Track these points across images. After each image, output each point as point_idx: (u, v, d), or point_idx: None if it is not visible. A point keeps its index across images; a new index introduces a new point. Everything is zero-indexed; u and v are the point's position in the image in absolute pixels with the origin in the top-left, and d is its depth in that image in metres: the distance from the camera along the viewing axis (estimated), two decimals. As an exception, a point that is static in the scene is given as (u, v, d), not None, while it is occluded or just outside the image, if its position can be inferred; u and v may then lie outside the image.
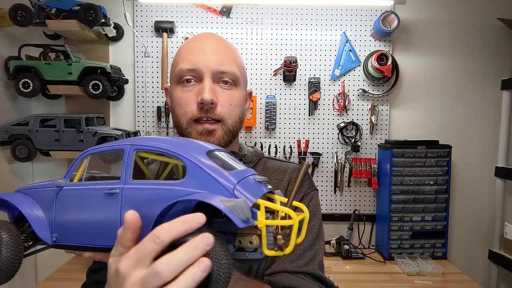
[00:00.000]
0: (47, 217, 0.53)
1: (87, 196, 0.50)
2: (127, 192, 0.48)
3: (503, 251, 1.97)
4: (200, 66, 0.76)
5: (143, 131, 2.09)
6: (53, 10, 1.78)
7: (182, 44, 0.84)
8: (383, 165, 2.02)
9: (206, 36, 0.83)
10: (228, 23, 2.06)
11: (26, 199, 0.54)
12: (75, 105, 2.09)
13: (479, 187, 2.17)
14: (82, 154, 0.54)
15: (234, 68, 0.79)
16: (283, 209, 0.44)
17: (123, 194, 0.48)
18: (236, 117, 0.81)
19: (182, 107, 0.78)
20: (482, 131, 2.16)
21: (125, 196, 0.48)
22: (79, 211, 0.50)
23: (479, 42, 2.13)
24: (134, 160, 0.50)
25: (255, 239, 0.44)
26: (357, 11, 2.07)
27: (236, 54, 0.84)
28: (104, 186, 0.49)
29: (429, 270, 1.78)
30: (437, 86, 2.14)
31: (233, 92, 0.80)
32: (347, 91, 2.10)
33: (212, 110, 0.76)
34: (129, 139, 0.54)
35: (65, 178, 0.53)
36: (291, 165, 0.92)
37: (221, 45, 0.81)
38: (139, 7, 2.04)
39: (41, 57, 1.88)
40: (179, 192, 0.45)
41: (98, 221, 0.49)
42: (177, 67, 0.79)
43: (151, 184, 0.47)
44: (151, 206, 0.46)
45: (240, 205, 0.41)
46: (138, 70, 2.07)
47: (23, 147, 1.84)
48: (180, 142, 0.51)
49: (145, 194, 0.47)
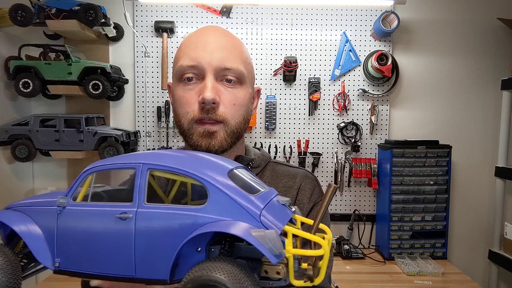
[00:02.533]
0: (47, 239, 0.47)
1: (95, 218, 0.46)
2: (141, 217, 0.44)
3: (503, 251, 1.97)
4: (202, 63, 0.71)
5: (143, 131, 2.09)
6: (53, 10, 1.78)
7: (184, 39, 0.78)
8: (383, 165, 2.02)
9: (209, 30, 0.76)
10: (228, 23, 2.06)
11: (21, 217, 0.49)
12: (75, 105, 2.09)
13: (479, 187, 2.17)
14: (86, 170, 0.49)
15: (239, 65, 0.74)
16: (315, 238, 0.41)
17: (137, 219, 0.44)
18: (240, 117, 0.75)
19: (183, 106, 0.73)
20: (482, 131, 2.16)
21: (139, 221, 0.44)
22: (85, 235, 0.46)
23: (479, 42, 2.13)
24: (147, 181, 0.45)
25: (283, 269, 0.41)
26: (357, 11, 2.07)
27: (242, 49, 0.77)
28: (115, 208, 0.45)
29: (429, 270, 1.78)
30: (437, 86, 2.14)
31: (238, 91, 0.74)
32: (347, 91, 2.10)
33: (213, 110, 0.71)
34: (139, 155, 0.49)
35: (67, 196, 0.48)
36: (300, 171, 0.89)
37: (225, 40, 0.75)
38: (139, 7, 2.04)
39: (41, 57, 1.88)
40: (201, 219, 0.42)
41: (107, 248, 0.45)
42: (178, 63, 0.74)
43: (169, 209, 0.44)
44: (170, 234, 0.42)
45: (272, 237, 0.38)
46: (138, 70, 2.07)
47: (23, 147, 1.84)
48: (196, 159, 0.48)
49: (162, 220, 0.43)
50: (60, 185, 2.09)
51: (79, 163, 2.02)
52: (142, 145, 2.09)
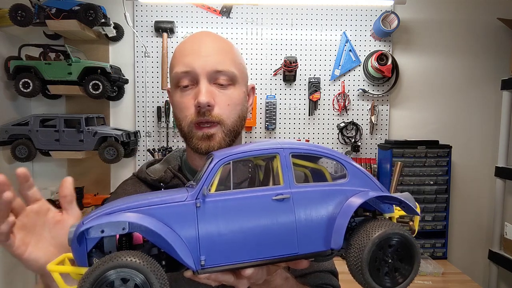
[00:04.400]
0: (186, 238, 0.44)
1: (248, 205, 0.46)
2: (298, 196, 0.48)
3: (503, 251, 1.96)
4: (195, 68, 0.75)
5: (143, 131, 2.09)
6: (53, 10, 1.78)
7: (177, 46, 0.83)
8: (383, 165, 2.02)
9: (200, 36, 0.81)
10: (228, 23, 2.06)
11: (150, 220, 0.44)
12: (75, 105, 2.09)
13: (479, 187, 2.17)
14: (219, 161, 0.48)
15: (230, 66, 0.78)
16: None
17: (294, 199, 0.48)
18: (235, 116, 0.79)
19: (182, 111, 0.78)
20: (482, 131, 2.16)
21: (297, 201, 0.48)
22: (238, 223, 0.45)
23: (479, 42, 2.13)
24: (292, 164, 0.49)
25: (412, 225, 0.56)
26: (357, 11, 2.07)
27: (232, 51, 0.82)
28: (267, 192, 0.47)
29: (429, 270, 1.78)
30: (437, 86, 2.14)
31: (231, 92, 0.79)
32: (347, 91, 2.10)
33: (209, 113, 0.75)
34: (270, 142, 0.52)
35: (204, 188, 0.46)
36: None
37: (217, 45, 0.80)
38: (139, 7, 2.04)
39: (41, 57, 1.88)
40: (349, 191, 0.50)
41: (267, 231, 0.46)
42: (174, 70, 0.79)
43: (319, 186, 0.50)
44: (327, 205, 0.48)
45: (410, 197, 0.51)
46: (138, 70, 2.07)
47: (23, 147, 1.84)
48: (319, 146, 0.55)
49: (316, 195, 0.49)
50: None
51: (79, 163, 2.02)
52: (142, 145, 2.09)
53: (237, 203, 0.46)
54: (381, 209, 0.53)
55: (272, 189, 0.48)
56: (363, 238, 0.46)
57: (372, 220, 0.49)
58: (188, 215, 0.45)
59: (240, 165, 0.52)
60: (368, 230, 0.46)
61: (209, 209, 0.46)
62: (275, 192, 0.47)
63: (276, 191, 0.47)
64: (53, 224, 0.64)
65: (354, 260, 0.46)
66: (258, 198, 0.47)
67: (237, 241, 0.45)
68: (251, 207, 0.46)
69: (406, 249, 0.48)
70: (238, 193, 0.47)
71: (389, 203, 0.53)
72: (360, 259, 0.45)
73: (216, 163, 0.48)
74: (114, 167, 2.09)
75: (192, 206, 0.45)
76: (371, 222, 0.48)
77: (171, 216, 0.45)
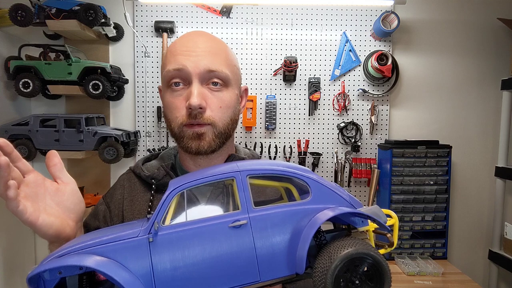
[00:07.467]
0: (141, 276, 0.43)
1: (203, 235, 0.44)
2: (255, 221, 0.45)
3: (503, 251, 1.96)
4: (187, 67, 0.73)
5: (143, 131, 2.09)
6: (53, 10, 1.78)
7: (170, 45, 0.80)
8: (383, 165, 2.02)
9: (194, 35, 0.79)
10: (228, 23, 2.06)
11: (98, 260, 0.43)
12: (75, 105, 2.09)
13: (479, 187, 2.17)
14: (172, 191, 0.46)
15: (223, 68, 0.76)
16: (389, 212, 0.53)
17: (252, 224, 0.45)
18: (227, 119, 0.78)
19: (172, 112, 0.76)
20: (482, 131, 2.16)
21: (255, 225, 0.45)
22: (193, 255, 0.43)
23: (479, 42, 2.13)
24: (249, 187, 0.47)
25: (390, 237, 0.52)
26: (357, 11, 2.07)
27: (226, 52, 0.79)
28: (223, 220, 0.45)
29: (429, 270, 1.78)
30: (437, 86, 2.14)
31: (223, 94, 0.77)
32: (347, 91, 2.10)
33: (201, 115, 0.73)
34: (227, 165, 0.49)
35: (155, 222, 0.44)
36: None
37: (210, 44, 0.77)
38: (139, 7, 2.04)
39: (41, 57, 1.88)
40: (312, 210, 0.47)
41: (225, 260, 0.44)
42: (165, 68, 0.76)
43: (279, 208, 0.47)
44: (287, 227, 0.46)
45: (378, 210, 0.49)
46: (138, 70, 2.07)
47: (23, 147, 1.84)
48: (274, 163, 0.51)
49: (276, 218, 0.46)
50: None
51: (79, 163, 2.02)
52: (142, 145, 2.09)
53: (192, 233, 0.44)
54: (354, 223, 0.49)
55: (229, 216, 0.45)
56: (325, 261, 0.43)
57: (339, 239, 0.45)
58: (141, 251, 0.43)
59: (203, 189, 0.51)
60: (331, 252, 0.43)
61: (163, 243, 0.44)
62: (232, 218, 0.45)
63: (233, 218, 0.45)
64: (54, 192, 0.65)
65: (318, 283, 0.44)
66: (213, 226, 0.45)
67: (194, 275, 0.43)
68: (206, 237, 0.44)
69: (374, 269, 0.44)
70: (193, 223, 0.45)
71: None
72: (323, 283, 0.43)
73: (169, 194, 0.46)
74: (114, 167, 2.09)
75: (144, 241, 0.44)
76: (336, 242, 0.45)
77: (124, 253, 0.44)
